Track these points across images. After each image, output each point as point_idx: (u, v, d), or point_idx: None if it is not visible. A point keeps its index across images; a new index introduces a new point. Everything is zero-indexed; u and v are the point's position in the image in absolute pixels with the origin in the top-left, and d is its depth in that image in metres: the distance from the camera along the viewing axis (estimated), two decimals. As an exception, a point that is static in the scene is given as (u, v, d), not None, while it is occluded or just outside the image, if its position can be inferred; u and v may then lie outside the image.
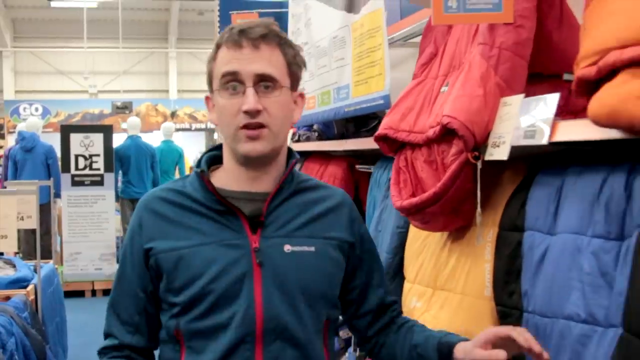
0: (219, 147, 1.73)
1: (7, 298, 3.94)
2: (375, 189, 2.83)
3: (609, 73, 1.28)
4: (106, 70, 24.45)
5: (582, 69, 1.36)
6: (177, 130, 19.38)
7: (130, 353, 1.70)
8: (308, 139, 3.78)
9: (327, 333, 1.70)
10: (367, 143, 2.68)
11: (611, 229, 1.41)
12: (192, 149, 20.94)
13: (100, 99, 23.83)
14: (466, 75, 1.84)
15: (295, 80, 1.67)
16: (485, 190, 1.90)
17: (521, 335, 1.45)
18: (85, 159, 8.56)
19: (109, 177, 8.61)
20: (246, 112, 1.55)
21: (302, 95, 1.72)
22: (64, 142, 8.47)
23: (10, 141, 21.41)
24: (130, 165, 8.92)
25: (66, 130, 8.61)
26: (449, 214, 1.94)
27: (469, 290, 1.91)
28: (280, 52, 1.61)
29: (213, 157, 1.73)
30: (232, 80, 1.58)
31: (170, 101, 23.55)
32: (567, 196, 1.57)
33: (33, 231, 6.06)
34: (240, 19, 5.81)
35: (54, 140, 9.37)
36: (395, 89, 2.46)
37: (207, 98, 1.69)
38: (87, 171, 8.58)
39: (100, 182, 8.60)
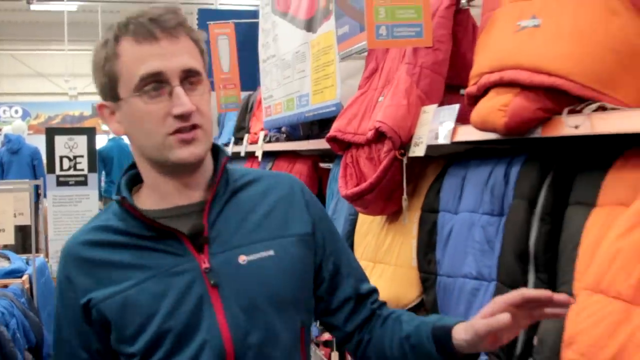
0: (134, 165, 1.49)
1: (5, 286, 4.33)
2: (333, 183, 3.27)
3: (485, 91, 1.73)
4: (86, 73, 24.38)
5: (469, 87, 1.82)
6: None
7: None
8: (277, 140, 4.22)
9: (304, 340, 1.50)
10: (326, 143, 3.12)
11: (494, 208, 1.87)
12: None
13: (80, 101, 24.02)
14: (395, 88, 2.29)
15: (206, 71, 1.46)
16: (412, 180, 2.36)
17: (533, 291, 1.29)
18: (70, 160, 8.92)
19: (93, 178, 8.97)
20: (178, 116, 1.34)
21: (208, 85, 1.48)
22: (49, 144, 8.83)
23: (-9, 143, 21.78)
24: (113, 166, 9.29)
25: (51, 133, 8.96)
26: (384, 200, 2.38)
27: (400, 262, 2.36)
28: (192, 40, 1.40)
29: (133, 178, 1.49)
30: (154, 81, 1.34)
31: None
32: (467, 184, 2.03)
33: (20, 228, 6.45)
34: (218, 29, 6.22)
35: (34, 142, 9.72)
36: (351, 95, 2.88)
37: (100, 106, 1.44)
38: (71, 172, 8.93)
39: (84, 182, 8.96)
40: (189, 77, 1.36)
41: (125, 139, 7.30)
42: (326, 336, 3.64)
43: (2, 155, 9.21)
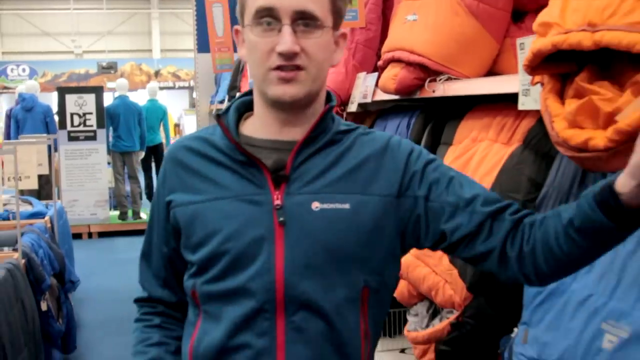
0: (251, 92, 1.52)
1: (31, 225, 5.08)
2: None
3: (386, 65, 2.42)
4: (91, 31, 24.86)
5: (379, 61, 2.51)
6: (161, 88, 20.10)
7: (164, 309, 1.59)
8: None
9: (367, 303, 1.43)
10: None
11: (399, 148, 2.58)
12: (176, 106, 21.81)
13: (85, 59, 24.30)
14: (337, 59, 2.98)
15: (338, 17, 1.43)
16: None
17: None
18: (80, 116, 9.63)
19: (101, 133, 9.70)
20: (281, 54, 1.33)
21: (344, 35, 1.47)
22: (61, 102, 9.54)
23: (-1, 99, 22.35)
24: (119, 122, 9.93)
25: (62, 92, 9.68)
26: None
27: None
28: None
29: (247, 103, 1.52)
30: (267, 16, 1.35)
31: (153, 60, 24.15)
32: (384, 130, 2.73)
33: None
34: (212, -3, 6.83)
35: (42, 99, 10.40)
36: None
37: (236, 31, 1.49)
38: (81, 127, 9.66)
39: (93, 137, 9.69)
40: (302, 19, 1.34)
41: (131, 97, 8.05)
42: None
43: (17, 112, 9.89)
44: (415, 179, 1.41)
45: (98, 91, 9.87)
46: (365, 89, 2.73)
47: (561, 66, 1.42)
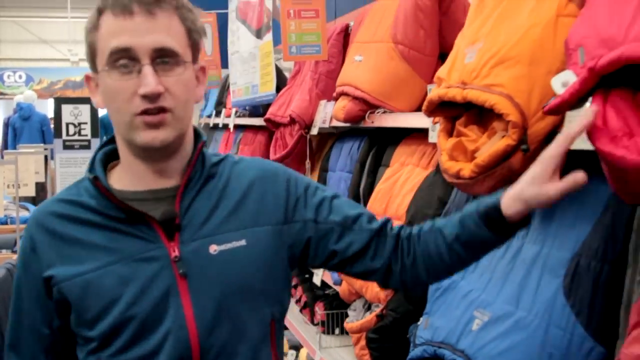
0: (113, 140, 1.41)
1: (27, 229, 5.46)
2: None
3: (339, 96, 2.83)
4: (87, 40, 25.26)
5: (334, 93, 2.92)
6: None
7: None
8: (244, 115, 5.31)
9: (275, 335, 1.44)
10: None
11: (350, 168, 2.98)
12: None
13: (82, 67, 24.41)
14: (302, 88, 3.39)
15: (196, 51, 1.37)
16: (318, 150, 3.46)
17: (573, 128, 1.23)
18: (75, 126, 10.04)
19: (95, 142, 10.10)
20: (144, 96, 1.25)
21: (203, 69, 1.41)
22: (57, 112, 9.95)
23: (-5, 106, 22.63)
24: (113, 132, 10.35)
25: (58, 102, 10.09)
26: (297, 163, 3.48)
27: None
28: (179, 18, 1.31)
29: (109, 153, 1.41)
30: (124, 57, 1.26)
31: (148, 69, 24.69)
32: (340, 152, 3.13)
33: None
34: (201, 17, 7.24)
35: (38, 106, 10.80)
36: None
37: (87, 78, 1.37)
38: (76, 137, 10.07)
39: (87, 146, 10.09)
40: (162, 57, 1.27)
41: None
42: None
43: (15, 121, 10.31)
44: (300, 204, 1.44)
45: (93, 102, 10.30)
46: (325, 115, 3.14)
47: (452, 110, 1.83)
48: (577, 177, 1.22)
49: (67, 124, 10.01)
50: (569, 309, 1.51)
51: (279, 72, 4.47)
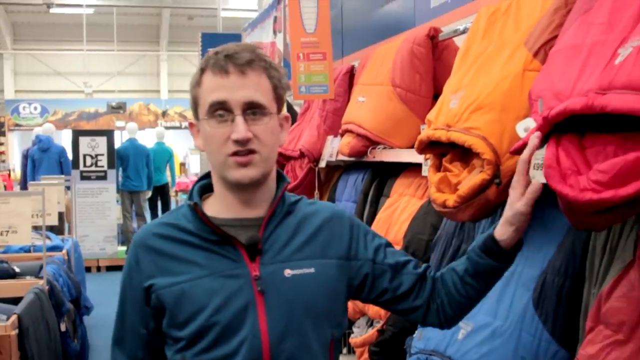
0: (208, 175, 1.67)
1: (51, 257, 5.75)
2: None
3: (344, 133, 3.12)
4: (101, 72, 25.38)
5: (340, 130, 3.20)
6: (168, 128, 20.70)
7: None
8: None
9: (333, 353, 1.64)
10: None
11: (355, 198, 3.25)
12: (182, 145, 22.39)
13: (95, 99, 24.76)
14: (311, 124, 3.68)
15: (280, 103, 1.60)
16: (326, 181, 3.74)
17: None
18: (92, 157, 10.37)
19: (112, 173, 10.42)
20: (236, 141, 1.49)
21: (287, 118, 1.65)
22: (74, 144, 10.29)
23: (11, 139, 22.99)
24: (129, 163, 10.63)
25: (76, 134, 10.44)
26: (307, 193, 3.76)
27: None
28: (267, 77, 1.54)
29: (204, 186, 1.66)
30: (220, 109, 1.50)
31: (161, 101, 24.86)
32: (347, 183, 3.41)
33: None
34: (215, 54, 7.58)
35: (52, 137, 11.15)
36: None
37: (191, 124, 1.63)
38: (93, 168, 10.39)
39: (104, 177, 10.41)
40: (252, 109, 1.49)
41: (139, 140, 8.74)
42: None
43: (34, 153, 10.64)
44: (361, 245, 1.65)
45: (109, 134, 10.63)
46: (332, 149, 3.42)
47: (440, 148, 2.10)
48: (534, 186, 1.49)
49: (85, 155, 10.34)
50: (537, 318, 1.78)
51: (290, 106, 4.77)
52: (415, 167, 2.72)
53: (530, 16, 1.94)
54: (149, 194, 11.12)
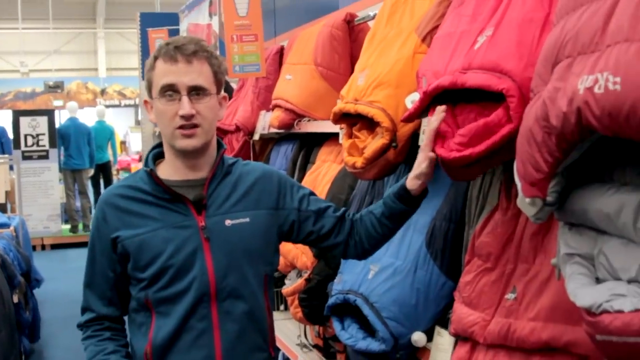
0: (160, 145, 1.97)
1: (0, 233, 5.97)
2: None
3: (274, 108, 3.46)
4: (37, 50, 25.00)
5: (270, 105, 3.55)
6: (107, 106, 20.70)
7: (110, 324, 1.98)
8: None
9: (267, 286, 2.00)
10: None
11: (287, 166, 3.60)
12: (122, 123, 22.33)
13: (32, 78, 24.24)
14: (245, 100, 4.01)
15: (219, 85, 1.92)
16: (261, 153, 4.09)
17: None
18: (33, 137, 10.50)
19: (53, 152, 10.58)
20: (182, 116, 1.80)
21: (225, 98, 1.97)
22: (15, 124, 10.41)
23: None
24: (70, 142, 10.79)
25: (17, 114, 10.58)
26: (243, 164, 4.10)
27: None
28: (208, 64, 1.85)
29: (156, 154, 1.97)
30: (169, 90, 1.81)
31: (99, 79, 24.53)
32: (279, 154, 3.76)
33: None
34: (155, 34, 7.79)
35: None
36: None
37: (145, 102, 1.94)
38: (34, 147, 10.53)
39: (46, 156, 10.57)
40: (195, 90, 1.82)
41: (80, 119, 8.96)
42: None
43: (-27, 133, 10.72)
44: (287, 196, 2.03)
45: (50, 114, 10.77)
46: (265, 123, 3.76)
47: (352, 119, 2.46)
48: (430, 154, 1.85)
49: (26, 135, 10.46)
50: (429, 256, 2.17)
51: (227, 84, 5.07)
52: (336, 137, 3.08)
53: (422, 6, 2.30)
54: (92, 172, 11.30)
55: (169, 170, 1.94)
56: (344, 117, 2.46)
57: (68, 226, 11.07)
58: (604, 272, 1.32)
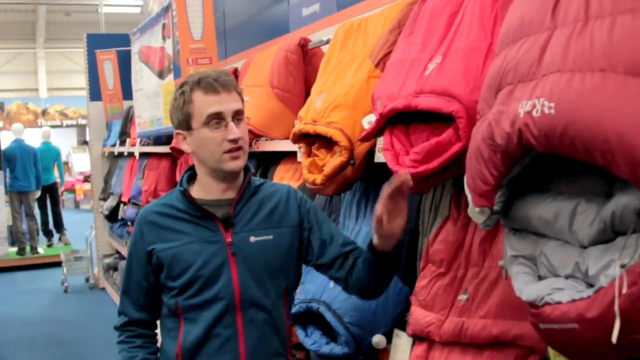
0: (192, 168, 2.15)
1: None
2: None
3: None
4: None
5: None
6: (50, 127, 20.58)
7: (142, 331, 2.20)
8: (148, 144, 6.00)
9: (287, 297, 2.18)
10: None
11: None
12: (65, 143, 22.00)
13: None
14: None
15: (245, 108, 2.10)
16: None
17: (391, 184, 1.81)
18: (-22, 160, 10.36)
19: (-1, 174, 10.45)
20: (231, 140, 1.98)
21: (247, 119, 2.19)
22: (-40, 147, 10.26)
23: None
24: (16, 164, 10.66)
25: (-38, 137, 10.40)
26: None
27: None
28: (237, 92, 2.06)
29: (190, 175, 2.15)
30: (216, 118, 1.97)
31: (40, 99, 24.40)
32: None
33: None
34: (103, 55, 7.86)
35: None
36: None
37: (177, 134, 2.09)
38: (-21, 170, 10.37)
39: (-9, 179, 10.42)
40: (237, 115, 2.02)
41: (26, 141, 8.92)
42: None
43: None
44: (306, 216, 2.19)
45: (-5, 136, 10.66)
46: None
47: (310, 139, 2.63)
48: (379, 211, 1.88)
49: (-29, 158, 10.33)
50: (386, 264, 2.34)
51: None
52: (292, 155, 3.25)
53: (375, 33, 2.49)
54: (38, 193, 11.19)
55: (202, 191, 2.10)
56: (302, 137, 2.62)
57: (15, 249, 10.93)
58: (545, 270, 1.51)
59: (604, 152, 1.21)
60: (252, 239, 2.08)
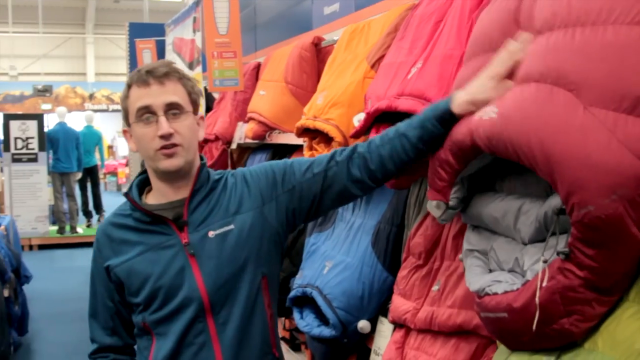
0: (145, 172, 1.93)
1: (-10, 232, 6.25)
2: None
3: (249, 120, 3.78)
4: (26, 54, 25.30)
5: (246, 117, 3.87)
6: (95, 111, 20.84)
7: (115, 355, 1.98)
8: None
9: (267, 287, 1.91)
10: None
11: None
12: (110, 128, 22.61)
13: (20, 82, 24.71)
14: (224, 111, 4.34)
15: (195, 106, 1.86)
16: (237, 161, 4.41)
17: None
18: (23, 140, 10.76)
19: (42, 155, 10.83)
20: (161, 137, 1.75)
21: (202, 118, 1.92)
22: (5, 127, 10.66)
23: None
24: (59, 146, 11.02)
25: (7, 118, 10.82)
26: (222, 169, 4.42)
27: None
28: (181, 84, 1.82)
29: (142, 180, 1.94)
30: (146, 112, 1.77)
31: (88, 84, 24.92)
32: (254, 161, 4.08)
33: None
34: (142, 44, 8.09)
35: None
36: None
37: (124, 131, 1.91)
38: (24, 150, 10.78)
39: (35, 159, 10.82)
40: (171, 110, 1.78)
41: (69, 123, 9.20)
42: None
43: (-37, 136, 10.97)
44: (277, 185, 1.90)
45: (40, 118, 11.04)
46: (242, 133, 4.08)
47: (313, 133, 2.79)
48: (508, 82, 1.52)
49: (16, 139, 10.72)
50: (374, 254, 2.49)
51: (209, 95, 5.39)
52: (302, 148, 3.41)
53: (375, 36, 2.64)
54: (79, 175, 11.54)
55: (157, 195, 1.90)
56: (305, 132, 2.78)
57: (55, 227, 11.31)
58: (494, 264, 1.65)
59: (528, 156, 1.34)
60: (211, 233, 1.85)
